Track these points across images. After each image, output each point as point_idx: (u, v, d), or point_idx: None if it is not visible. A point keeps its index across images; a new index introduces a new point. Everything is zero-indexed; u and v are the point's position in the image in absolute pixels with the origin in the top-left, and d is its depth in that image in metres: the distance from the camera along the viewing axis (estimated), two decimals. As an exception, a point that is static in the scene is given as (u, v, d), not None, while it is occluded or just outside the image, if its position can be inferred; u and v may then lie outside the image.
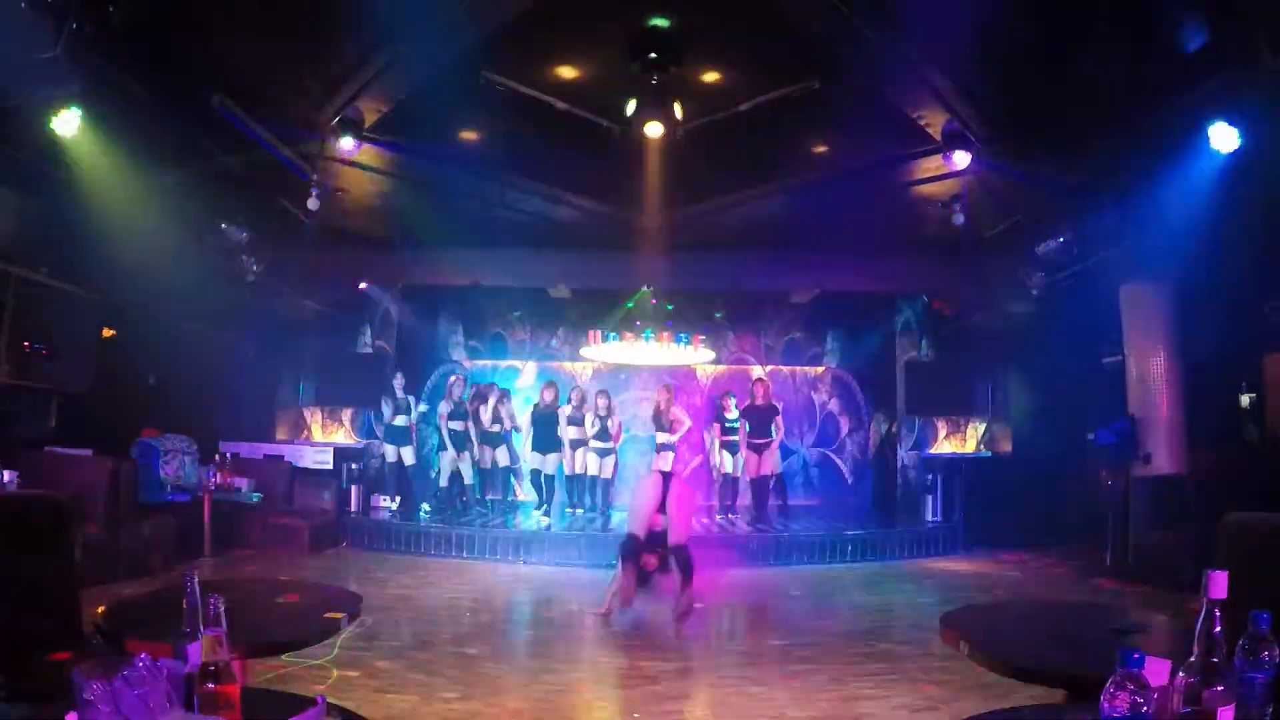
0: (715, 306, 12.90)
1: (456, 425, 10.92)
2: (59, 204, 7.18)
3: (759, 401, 10.93)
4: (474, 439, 11.07)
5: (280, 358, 11.70)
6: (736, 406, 11.10)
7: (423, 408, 11.57)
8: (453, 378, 11.45)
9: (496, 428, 11.18)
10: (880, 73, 6.87)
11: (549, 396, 10.82)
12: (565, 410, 10.83)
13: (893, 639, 6.14)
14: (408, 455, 11.12)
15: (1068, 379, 10.51)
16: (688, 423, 10.96)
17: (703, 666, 5.37)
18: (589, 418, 10.83)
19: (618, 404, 11.73)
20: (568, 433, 10.77)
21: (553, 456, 10.74)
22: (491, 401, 11.25)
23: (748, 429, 10.82)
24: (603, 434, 10.80)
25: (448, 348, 13.44)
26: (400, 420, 11.02)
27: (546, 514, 10.52)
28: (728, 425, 11.00)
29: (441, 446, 11.09)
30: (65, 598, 3.01)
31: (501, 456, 11.38)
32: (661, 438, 10.66)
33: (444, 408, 11.01)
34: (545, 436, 10.68)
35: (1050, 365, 10.64)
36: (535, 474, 10.81)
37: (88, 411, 8.15)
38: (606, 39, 6.66)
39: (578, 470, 10.90)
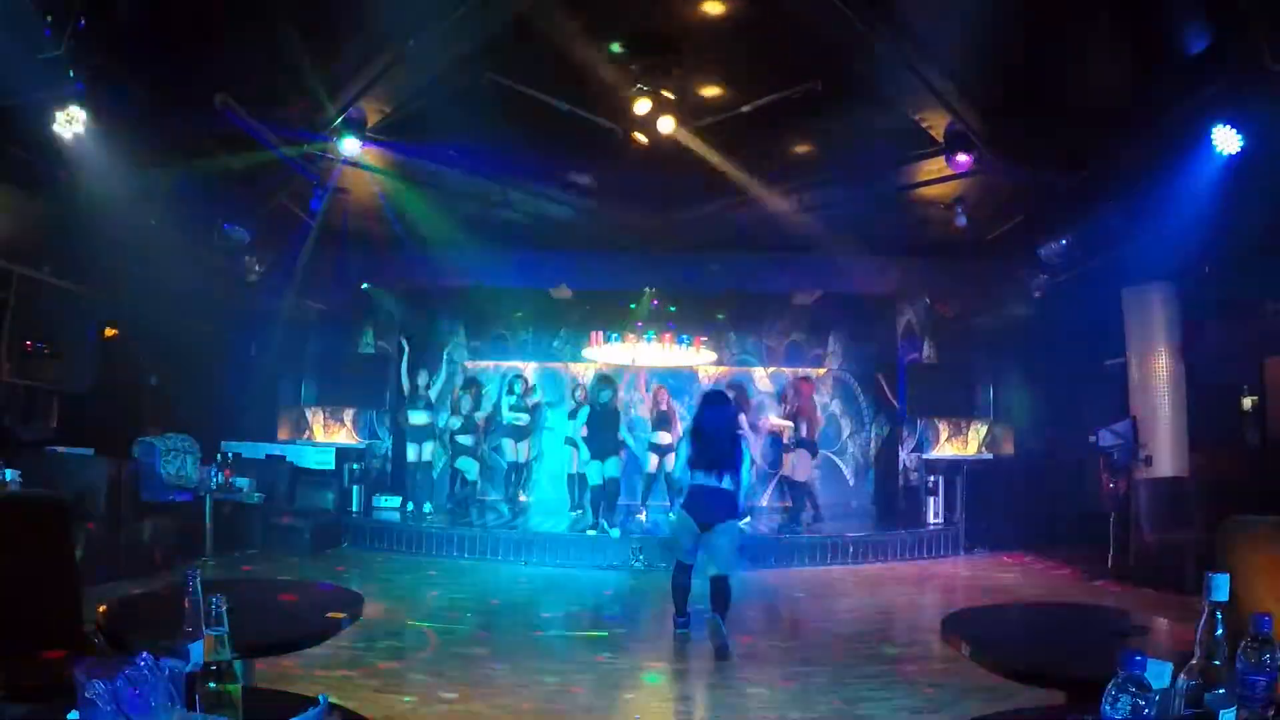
0: (717, 308, 12.89)
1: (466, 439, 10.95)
2: (61, 203, 7.19)
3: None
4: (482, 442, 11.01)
5: (282, 358, 11.70)
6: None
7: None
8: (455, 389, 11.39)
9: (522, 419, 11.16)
10: (882, 74, 6.87)
11: (607, 393, 9.87)
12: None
13: (894, 641, 6.13)
14: (426, 452, 11.12)
15: (1069, 381, 10.51)
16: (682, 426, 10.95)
17: (703, 668, 5.37)
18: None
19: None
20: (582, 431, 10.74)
21: (612, 460, 9.67)
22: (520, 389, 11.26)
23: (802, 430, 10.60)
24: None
25: (449, 348, 13.44)
26: (421, 419, 10.99)
27: (603, 527, 9.29)
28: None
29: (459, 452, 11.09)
30: (67, 597, 3.01)
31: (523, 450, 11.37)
32: (664, 438, 10.58)
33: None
34: (604, 439, 9.64)
35: (1052, 367, 10.64)
36: (578, 479, 10.35)
37: (89, 411, 8.16)
38: (608, 39, 6.67)
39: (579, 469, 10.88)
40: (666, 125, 7.07)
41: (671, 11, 6.39)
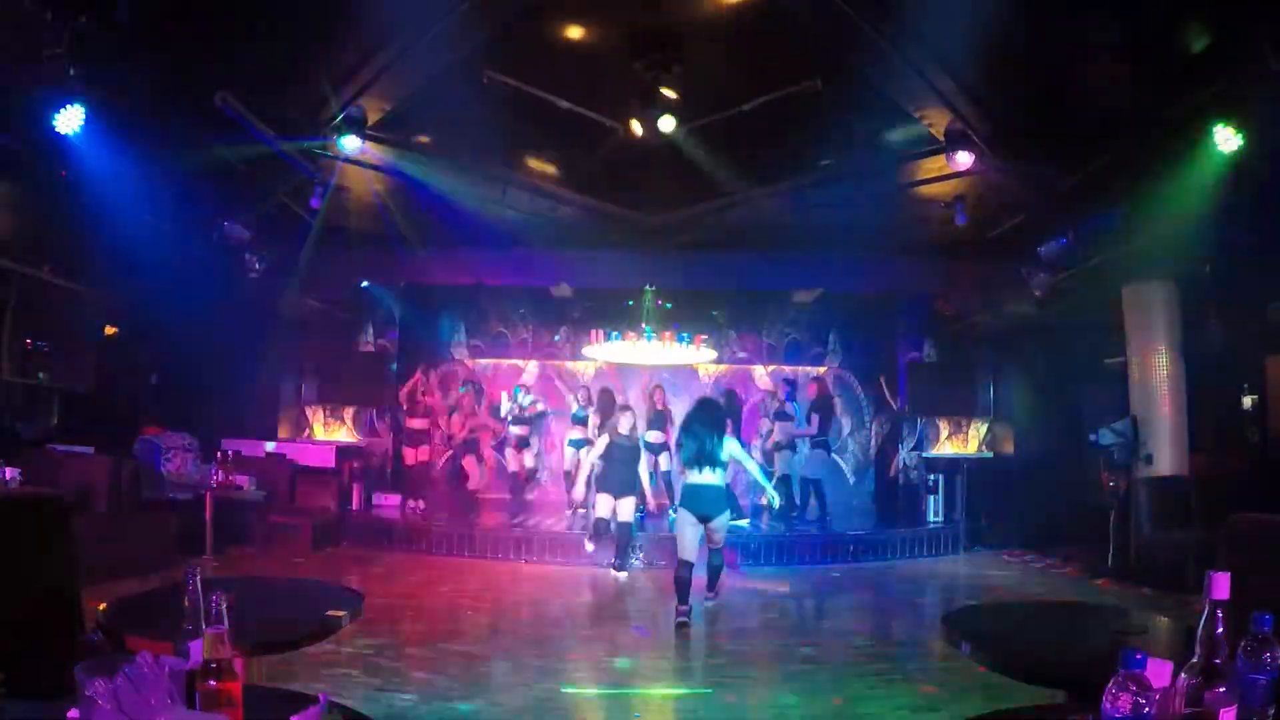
0: (717, 306, 12.89)
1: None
2: (62, 201, 7.19)
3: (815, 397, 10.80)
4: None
5: (282, 356, 11.71)
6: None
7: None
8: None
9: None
10: (883, 72, 6.87)
11: (625, 423, 8.23)
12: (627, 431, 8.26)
13: (894, 639, 6.14)
14: (424, 454, 11.19)
15: (1070, 380, 10.51)
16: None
17: (704, 666, 5.37)
18: (592, 416, 10.83)
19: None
20: (572, 432, 10.79)
21: (627, 501, 8.12)
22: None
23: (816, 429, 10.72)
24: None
25: (450, 346, 13.45)
26: (419, 424, 11.09)
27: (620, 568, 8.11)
28: None
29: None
30: (67, 595, 3.01)
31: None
32: (654, 437, 10.57)
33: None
34: (622, 474, 8.09)
35: (1052, 366, 10.64)
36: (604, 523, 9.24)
37: (90, 409, 8.17)
38: (607, 37, 6.66)
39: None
40: (666, 123, 7.07)
41: (671, 9, 6.38)
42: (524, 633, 6.31)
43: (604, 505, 8.19)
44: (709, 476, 6.30)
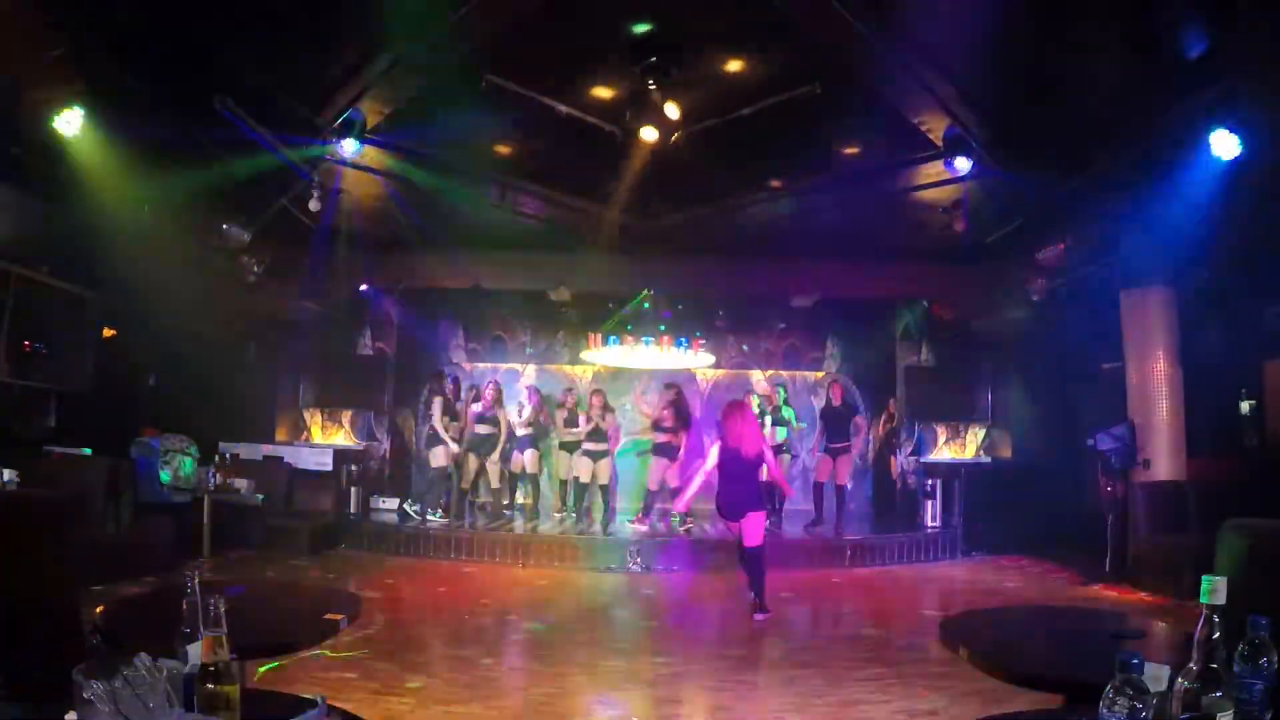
0: (715, 310, 12.89)
1: (485, 429, 10.79)
2: (60, 204, 7.18)
3: (835, 403, 10.82)
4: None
5: (280, 359, 11.70)
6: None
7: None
8: (487, 383, 11.19)
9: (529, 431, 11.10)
10: (882, 78, 6.88)
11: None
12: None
13: (891, 644, 6.13)
14: (440, 457, 11.08)
15: (1068, 385, 10.52)
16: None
17: (701, 670, 5.36)
18: (582, 418, 10.81)
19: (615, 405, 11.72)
20: (562, 435, 10.80)
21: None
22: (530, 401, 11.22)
23: (825, 433, 10.76)
24: (597, 435, 10.71)
25: (448, 350, 13.43)
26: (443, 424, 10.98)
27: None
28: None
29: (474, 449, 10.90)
30: (65, 598, 3.01)
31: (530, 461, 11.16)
32: (663, 437, 10.57)
33: (476, 409, 10.89)
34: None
35: (1050, 371, 10.65)
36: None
37: (87, 411, 8.15)
38: (607, 43, 6.67)
39: (575, 474, 10.85)
40: (664, 128, 7.08)
41: (670, 14, 6.40)
42: (521, 636, 6.31)
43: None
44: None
